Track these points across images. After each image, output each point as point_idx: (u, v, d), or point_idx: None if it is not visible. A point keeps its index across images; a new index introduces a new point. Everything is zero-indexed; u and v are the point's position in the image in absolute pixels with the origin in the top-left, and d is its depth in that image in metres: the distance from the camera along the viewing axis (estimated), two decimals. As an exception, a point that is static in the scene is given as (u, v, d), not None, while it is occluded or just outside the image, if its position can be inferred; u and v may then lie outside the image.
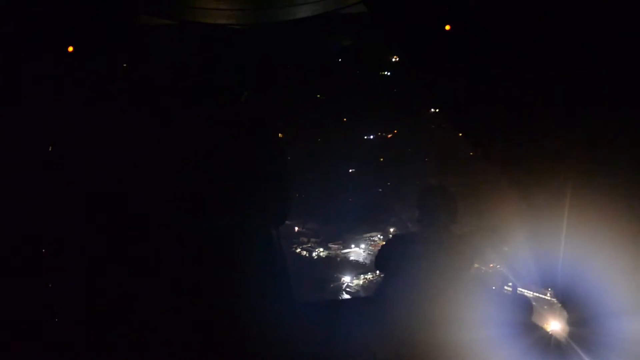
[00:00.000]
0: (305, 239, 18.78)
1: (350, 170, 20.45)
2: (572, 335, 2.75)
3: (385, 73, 20.73)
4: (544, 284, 3.27)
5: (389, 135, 21.02)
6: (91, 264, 2.36)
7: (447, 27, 3.23)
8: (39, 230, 2.88)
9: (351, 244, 18.79)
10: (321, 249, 18.64)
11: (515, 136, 3.06)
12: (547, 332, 2.83)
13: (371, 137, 21.56)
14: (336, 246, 18.73)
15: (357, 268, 17.65)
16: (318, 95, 21.35)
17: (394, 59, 19.71)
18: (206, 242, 2.23)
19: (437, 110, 19.81)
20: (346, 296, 16.32)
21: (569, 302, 2.85)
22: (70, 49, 3.56)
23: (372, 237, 18.69)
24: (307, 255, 18.28)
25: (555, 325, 3.10)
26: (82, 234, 2.43)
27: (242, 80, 2.53)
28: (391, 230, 18.17)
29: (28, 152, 3.23)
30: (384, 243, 3.24)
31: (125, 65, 3.76)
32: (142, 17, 4.00)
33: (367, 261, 17.72)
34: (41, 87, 3.34)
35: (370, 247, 18.32)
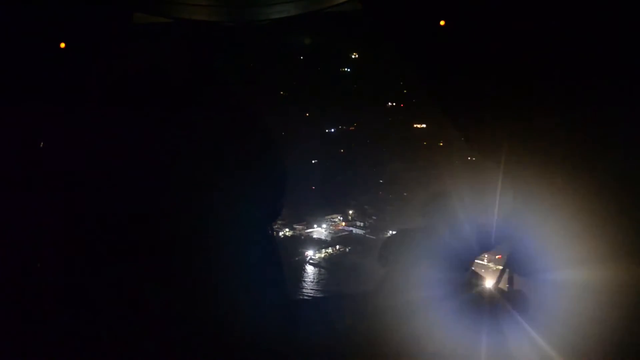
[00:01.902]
0: (272, 222, 19.41)
1: (313, 161, 20.67)
2: (505, 294, 2.81)
3: (346, 69, 20.83)
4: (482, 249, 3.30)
5: (350, 128, 21.17)
6: (84, 261, 2.22)
7: (442, 23, 3.17)
8: (30, 229, 2.74)
9: (314, 225, 19.47)
10: (287, 229, 19.18)
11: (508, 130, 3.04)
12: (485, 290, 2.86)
13: (332, 130, 21.70)
14: (300, 226, 19.32)
15: (320, 244, 18.41)
16: (281, 92, 21.29)
17: (353, 56, 19.84)
18: (198, 237, 2.12)
19: (394, 104, 20.02)
20: (311, 269, 17.20)
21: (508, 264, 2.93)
22: (62, 45, 3.36)
23: (333, 218, 19.45)
24: (275, 234, 18.68)
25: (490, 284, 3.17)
26: (77, 233, 2.28)
27: (234, 77, 2.43)
28: (350, 212, 19.25)
29: (17, 150, 3.05)
30: (388, 238, 3.14)
31: (118, 62, 3.58)
32: (135, 14, 3.80)
33: (328, 238, 18.70)
34: (32, 84, 3.15)
35: (331, 227, 19.20)
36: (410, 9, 3.27)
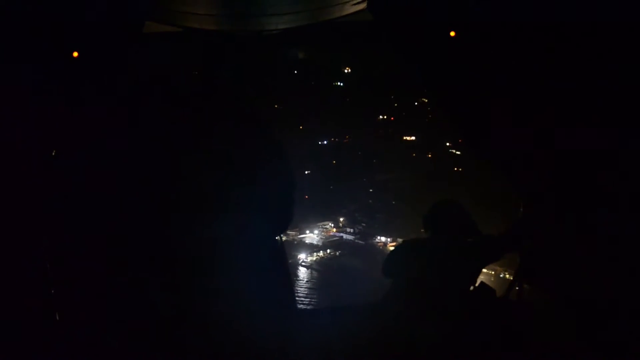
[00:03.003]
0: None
1: (306, 172, 20.89)
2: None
3: (339, 84, 20.83)
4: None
5: (345, 140, 21.20)
6: (92, 267, 2.14)
7: (452, 34, 3.11)
8: (39, 231, 2.65)
9: (306, 230, 19.90)
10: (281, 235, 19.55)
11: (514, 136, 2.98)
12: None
13: (325, 142, 21.74)
14: (294, 232, 19.71)
15: (311, 248, 18.87)
16: (275, 105, 21.29)
17: (346, 71, 19.85)
18: (209, 249, 2.04)
19: (385, 117, 20.11)
20: (303, 270, 17.61)
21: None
22: (75, 54, 3.27)
23: (325, 225, 19.94)
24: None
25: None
26: (85, 237, 2.20)
27: (243, 86, 2.37)
28: (341, 219, 19.68)
29: (30, 156, 2.96)
30: (393, 249, 3.00)
31: (130, 71, 3.49)
32: (147, 23, 3.71)
33: (320, 243, 19.19)
34: (45, 92, 3.06)
35: (322, 233, 19.68)
36: (420, 19, 3.21)
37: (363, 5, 3.42)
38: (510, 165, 3.17)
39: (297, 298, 2.34)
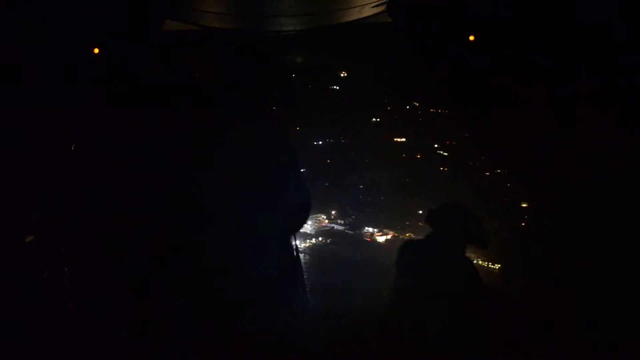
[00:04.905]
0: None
1: (302, 170, 20.97)
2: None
3: (335, 87, 20.79)
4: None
5: (343, 141, 21.22)
6: (99, 263, 2.01)
7: (471, 38, 2.98)
8: (46, 228, 2.53)
9: None
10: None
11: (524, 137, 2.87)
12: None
13: (320, 142, 21.71)
14: None
15: (305, 237, 18.91)
16: (273, 108, 21.12)
17: (342, 75, 19.77)
18: (220, 247, 1.91)
19: (378, 119, 20.09)
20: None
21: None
22: (96, 50, 3.11)
23: (318, 216, 19.96)
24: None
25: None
26: (95, 233, 2.06)
27: (260, 85, 2.23)
28: (333, 212, 19.80)
29: (47, 153, 2.81)
30: (404, 247, 2.84)
31: (150, 69, 3.33)
32: (168, 22, 3.55)
33: (313, 232, 19.30)
34: (66, 87, 2.90)
35: (315, 224, 19.75)
36: (439, 23, 3.07)
37: (382, 8, 3.28)
38: (524, 167, 3.04)
39: (308, 298, 2.23)
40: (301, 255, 2.26)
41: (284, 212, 2.04)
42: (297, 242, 2.24)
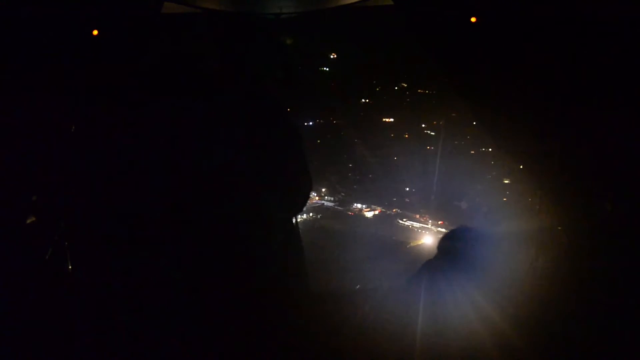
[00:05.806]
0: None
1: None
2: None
3: (325, 68, 20.62)
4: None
5: (328, 121, 21.11)
6: (105, 253, 1.97)
7: (473, 19, 2.91)
8: (51, 223, 2.49)
9: None
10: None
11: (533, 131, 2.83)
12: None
13: (311, 123, 21.59)
14: None
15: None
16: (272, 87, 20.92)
17: (332, 57, 19.59)
18: (222, 231, 1.87)
19: (367, 100, 20.04)
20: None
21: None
22: (95, 32, 3.02)
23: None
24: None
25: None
26: (101, 226, 2.02)
27: (259, 68, 2.17)
28: (323, 189, 20.01)
29: (43, 139, 2.73)
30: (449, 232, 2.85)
31: (148, 52, 3.24)
32: (166, 4, 3.43)
33: (304, 208, 19.53)
34: (64, 70, 2.81)
35: (308, 203, 19.88)
36: (440, 4, 3.00)
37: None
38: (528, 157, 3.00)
39: (309, 281, 2.20)
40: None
41: (284, 191, 2.01)
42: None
